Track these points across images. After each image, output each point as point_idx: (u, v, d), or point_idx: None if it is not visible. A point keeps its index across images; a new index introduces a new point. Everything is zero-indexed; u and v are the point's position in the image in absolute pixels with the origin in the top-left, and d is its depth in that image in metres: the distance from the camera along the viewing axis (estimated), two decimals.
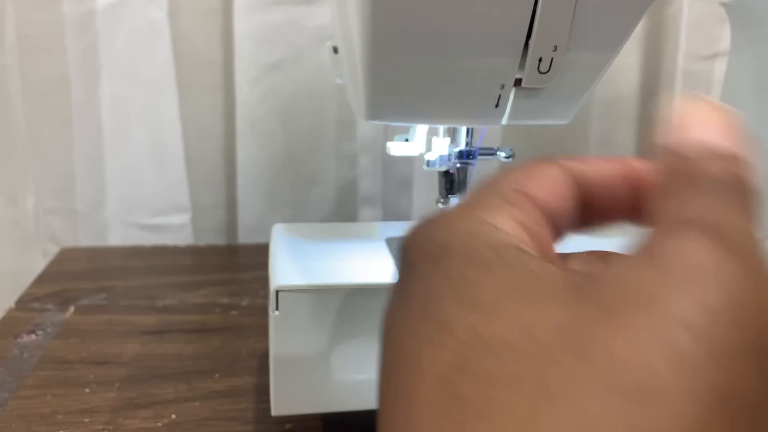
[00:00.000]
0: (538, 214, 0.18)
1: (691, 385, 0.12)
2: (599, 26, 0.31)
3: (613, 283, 0.14)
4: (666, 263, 0.14)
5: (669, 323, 0.12)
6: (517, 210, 0.18)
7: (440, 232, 0.18)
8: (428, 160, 0.40)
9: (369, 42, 0.30)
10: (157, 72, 0.69)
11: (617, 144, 0.80)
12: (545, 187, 0.19)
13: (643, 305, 0.13)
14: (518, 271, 0.15)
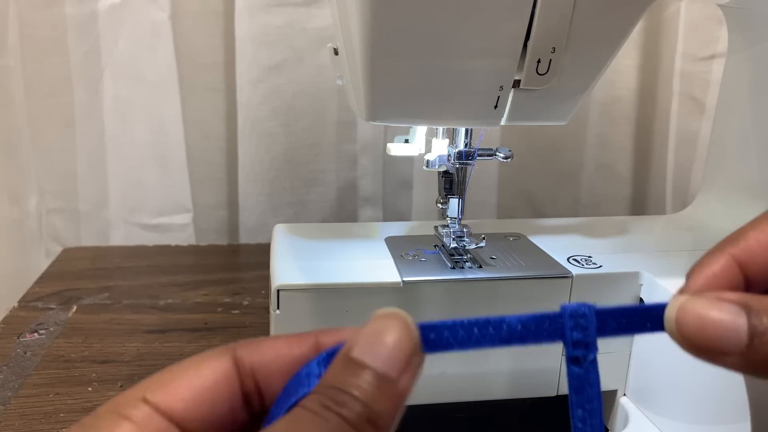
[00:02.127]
0: (161, 424, 0.18)
1: None
2: (597, 28, 0.32)
3: None
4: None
5: None
6: (132, 428, 0.18)
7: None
8: (428, 161, 0.40)
9: (369, 43, 0.30)
10: (159, 73, 0.70)
11: (615, 145, 0.80)
12: (185, 388, 0.19)
13: None
14: None
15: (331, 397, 0.18)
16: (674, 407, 0.38)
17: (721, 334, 0.21)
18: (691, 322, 0.21)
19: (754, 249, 0.23)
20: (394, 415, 0.19)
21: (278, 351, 0.21)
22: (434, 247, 0.42)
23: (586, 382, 0.24)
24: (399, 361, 0.20)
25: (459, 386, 0.40)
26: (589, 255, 0.42)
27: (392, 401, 0.19)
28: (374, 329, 0.20)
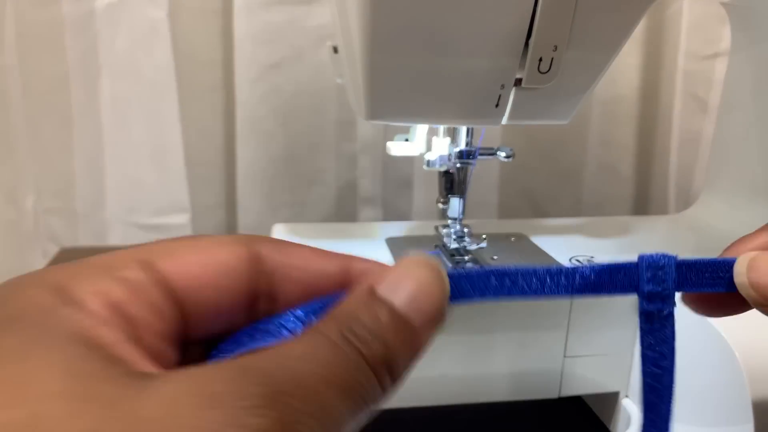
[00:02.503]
0: (157, 295, 0.17)
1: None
2: (599, 26, 0.31)
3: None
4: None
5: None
6: (122, 289, 0.16)
7: (20, 289, 0.16)
8: (428, 160, 0.40)
9: (369, 42, 0.30)
10: (157, 72, 0.69)
11: (617, 144, 0.80)
12: (195, 263, 0.17)
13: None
14: (52, 369, 0.14)
15: (351, 328, 0.16)
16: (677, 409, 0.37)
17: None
18: (764, 274, 0.21)
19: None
20: (408, 366, 0.18)
21: (306, 260, 0.19)
22: (435, 247, 0.42)
23: (661, 338, 0.22)
24: (426, 311, 0.18)
25: (460, 388, 0.40)
26: (591, 255, 0.41)
27: (412, 351, 0.18)
28: (405, 271, 0.18)
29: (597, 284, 0.21)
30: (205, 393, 0.14)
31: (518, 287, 0.21)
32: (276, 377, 0.14)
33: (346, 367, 0.16)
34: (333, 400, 0.15)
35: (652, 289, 0.21)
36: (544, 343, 0.39)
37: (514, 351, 0.39)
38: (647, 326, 0.22)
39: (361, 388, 0.16)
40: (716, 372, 0.34)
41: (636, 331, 0.40)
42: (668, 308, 0.22)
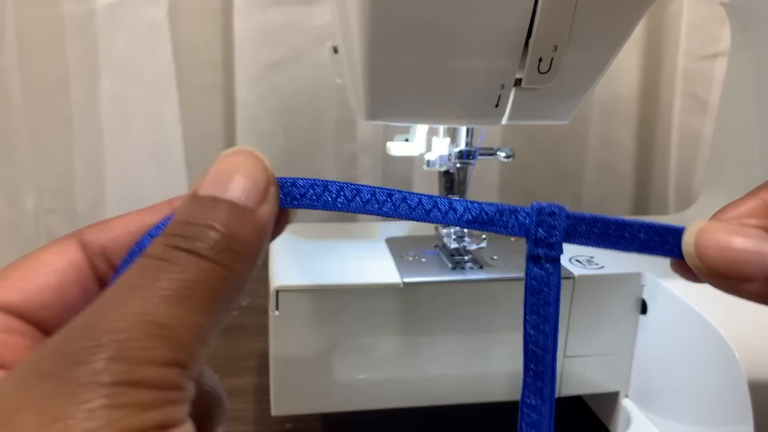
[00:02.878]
0: (1, 318, 0.18)
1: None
2: (599, 26, 0.31)
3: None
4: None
5: None
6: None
7: None
8: (428, 160, 0.40)
9: (369, 42, 0.30)
10: (157, 72, 0.69)
11: (617, 144, 0.80)
12: (23, 278, 0.18)
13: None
14: None
15: (178, 233, 0.17)
16: (677, 409, 0.37)
17: (745, 258, 0.20)
18: (711, 246, 0.20)
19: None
20: (255, 243, 0.18)
21: (128, 226, 0.20)
22: (435, 247, 0.42)
23: (545, 283, 0.23)
24: (253, 190, 0.19)
25: (460, 388, 0.40)
26: (591, 255, 0.41)
27: (252, 229, 0.18)
28: (220, 167, 0.19)
29: (487, 221, 0.23)
30: (39, 372, 0.15)
31: (368, 204, 0.22)
32: (98, 325, 0.15)
33: (177, 279, 0.16)
34: (172, 315, 0.15)
35: (541, 234, 0.22)
36: None
37: (514, 351, 0.39)
38: (534, 271, 0.23)
39: (205, 285, 0.16)
40: (716, 372, 0.34)
41: (636, 331, 0.40)
42: (555, 254, 0.22)
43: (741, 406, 0.32)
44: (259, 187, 0.19)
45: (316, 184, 0.21)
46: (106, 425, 0.14)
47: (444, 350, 0.38)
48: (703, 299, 0.36)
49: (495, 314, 0.38)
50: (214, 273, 0.17)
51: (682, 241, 0.21)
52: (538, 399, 0.22)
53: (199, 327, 0.16)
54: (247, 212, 0.18)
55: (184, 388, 0.16)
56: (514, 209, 0.22)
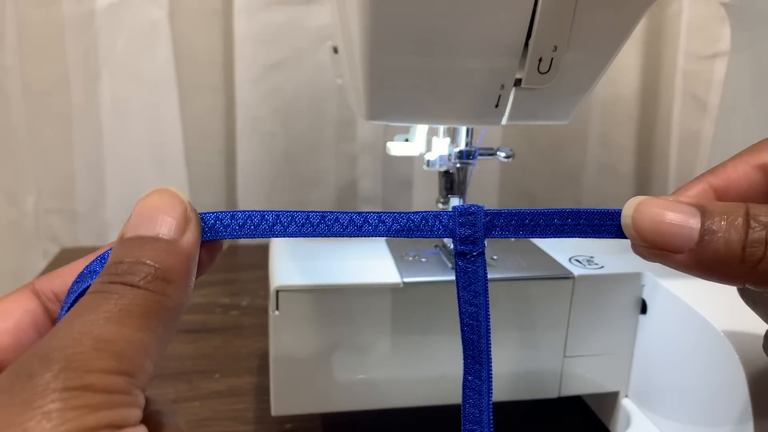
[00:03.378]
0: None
1: None
2: (599, 26, 0.31)
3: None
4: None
5: None
6: None
7: None
8: (428, 160, 0.40)
9: (369, 42, 0.30)
10: (157, 72, 0.69)
11: (617, 144, 0.80)
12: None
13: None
14: None
15: (112, 272, 0.19)
16: (676, 409, 0.38)
17: (675, 231, 0.21)
18: (646, 219, 0.22)
19: (732, 177, 0.24)
20: (183, 270, 0.20)
21: (77, 271, 0.22)
22: (435, 247, 0.42)
23: (474, 276, 0.25)
24: (173, 223, 0.20)
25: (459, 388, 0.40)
26: (591, 256, 0.41)
27: (179, 257, 0.20)
28: (139, 209, 0.21)
29: (414, 228, 0.24)
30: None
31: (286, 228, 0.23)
32: (49, 346, 0.17)
33: (116, 303, 0.18)
34: (114, 332, 0.17)
35: (463, 232, 0.24)
36: (543, 343, 0.39)
37: (514, 351, 0.39)
38: (461, 265, 0.25)
39: (142, 307, 0.18)
40: (716, 372, 0.34)
41: (636, 331, 0.40)
42: (478, 249, 0.24)
43: (741, 406, 0.32)
44: (178, 219, 0.20)
45: (245, 215, 0.23)
46: (61, 424, 0.15)
47: (444, 350, 0.38)
48: (703, 299, 0.36)
49: (494, 314, 0.38)
50: (148, 298, 0.19)
51: (621, 214, 0.23)
52: (477, 380, 0.26)
53: (140, 341, 0.18)
54: (171, 243, 0.20)
55: (132, 394, 0.17)
56: (437, 214, 0.24)
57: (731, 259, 0.21)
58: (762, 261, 0.20)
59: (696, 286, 0.37)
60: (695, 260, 0.21)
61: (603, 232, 0.24)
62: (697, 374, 0.35)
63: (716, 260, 0.21)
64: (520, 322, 0.39)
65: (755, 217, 0.21)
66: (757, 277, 0.21)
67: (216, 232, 0.23)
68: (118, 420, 0.16)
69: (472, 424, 0.25)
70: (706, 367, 0.35)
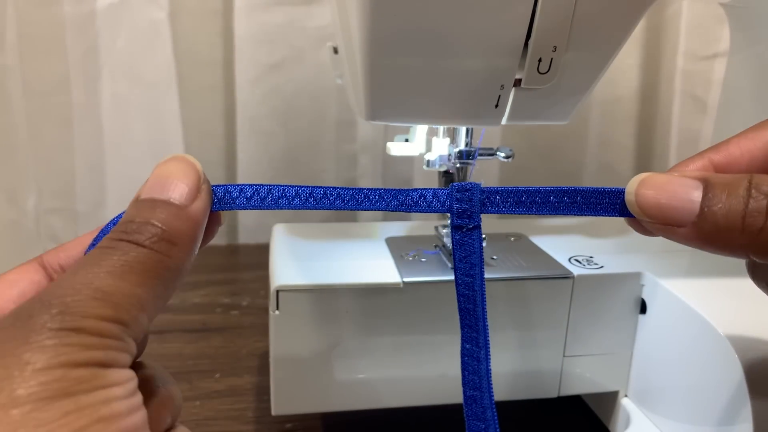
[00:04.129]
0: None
1: None
2: (599, 27, 0.31)
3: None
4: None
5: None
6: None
7: None
8: (428, 160, 0.40)
9: (369, 42, 0.30)
10: (157, 72, 0.69)
11: (617, 144, 0.80)
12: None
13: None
14: None
15: (122, 230, 0.20)
16: (676, 408, 0.38)
17: (677, 205, 0.22)
18: (650, 194, 0.23)
19: (734, 154, 0.25)
20: (189, 234, 0.21)
21: (84, 244, 0.23)
22: (435, 247, 0.42)
23: (471, 248, 0.26)
24: (186, 190, 0.22)
25: (459, 388, 0.40)
26: (591, 255, 0.41)
27: (187, 222, 0.21)
28: (157, 173, 0.22)
29: (413, 204, 0.25)
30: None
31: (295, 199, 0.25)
32: (50, 293, 0.18)
33: (119, 259, 0.19)
34: (113, 285, 0.18)
35: (459, 207, 0.25)
36: (543, 342, 0.39)
37: (514, 351, 0.39)
38: (458, 238, 0.26)
39: (143, 265, 0.19)
40: (716, 372, 0.34)
41: (635, 331, 0.40)
42: (474, 222, 0.26)
43: (740, 406, 0.32)
44: (191, 186, 0.22)
45: (253, 188, 0.25)
46: (53, 357, 0.16)
47: (444, 350, 0.38)
48: (703, 299, 0.36)
49: (495, 314, 0.38)
50: (151, 257, 0.20)
51: (625, 191, 0.24)
52: (475, 347, 0.27)
53: (138, 296, 0.19)
54: (181, 209, 0.21)
55: (123, 341, 0.18)
56: (436, 191, 0.25)
57: (731, 229, 0.21)
58: (762, 231, 0.20)
59: (696, 286, 0.38)
60: (697, 233, 0.21)
61: (600, 210, 0.25)
62: (697, 374, 0.35)
63: (716, 231, 0.21)
64: (519, 321, 0.39)
65: (758, 186, 0.21)
66: (759, 248, 0.21)
67: (224, 203, 0.24)
68: (106, 360, 0.17)
69: (472, 390, 0.27)
70: (706, 366, 0.35)
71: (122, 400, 0.17)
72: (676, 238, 0.22)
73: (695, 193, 0.21)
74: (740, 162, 0.24)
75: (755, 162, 0.24)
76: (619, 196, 0.25)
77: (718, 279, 0.39)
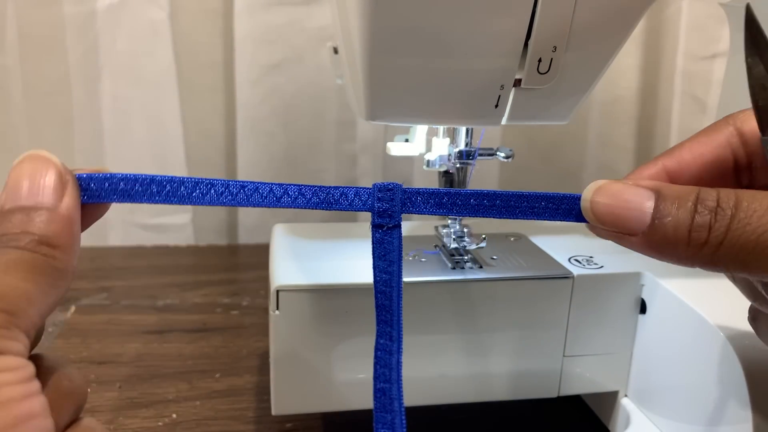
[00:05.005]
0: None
1: None
2: (598, 27, 0.31)
3: None
4: None
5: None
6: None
7: None
8: (428, 160, 0.40)
9: (369, 42, 0.30)
10: (157, 73, 0.69)
11: (616, 144, 0.80)
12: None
13: None
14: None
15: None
16: (676, 408, 0.38)
17: (628, 214, 0.22)
18: (604, 202, 0.23)
19: (686, 159, 0.25)
20: (65, 234, 0.21)
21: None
22: (434, 247, 0.42)
23: (390, 246, 0.26)
24: (49, 189, 0.21)
25: (459, 388, 0.40)
26: (591, 255, 0.41)
27: (60, 224, 0.20)
28: (14, 177, 0.21)
29: (333, 202, 0.25)
30: None
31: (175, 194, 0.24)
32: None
33: (1, 258, 0.19)
34: (1, 281, 0.19)
35: (381, 206, 0.26)
36: (543, 342, 0.39)
37: (514, 351, 0.39)
38: (378, 236, 0.26)
39: (28, 263, 0.19)
40: (715, 371, 0.34)
41: (635, 331, 0.40)
42: (394, 222, 0.26)
43: (740, 405, 0.32)
44: (54, 185, 0.21)
45: (122, 177, 0.23)
46: None
47: (444, 350, 0.38)
48: (702, 299, 0.36)
49: (495, 314, 0.39)
50: (35, 257, 0.20)
51: (581, 198, 0.24)
52: (388, 341, 0.26)
53: (25, 290, 0.19)
54: (51, 211, 0.20)
55: (11, 330, 0.18)
56: (357, 190, 0.26)
57: (678, 242, 0.21)
58: (706, 245, 0.21)
59: (696, 286, 0.38)
60: (647, 242, 0.22)
61: (556, 215, 0.26)
62: (697, 374, 0.35)
63: (665, 243, 0.22)
64: (519, 321, 0.39)
65: (703, 201, 0.22)
66: (703, 260, 0.22)
67: (93, 194, 0.23)
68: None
69: (383, 383, 0.27)
70: (706, 366, 0.35)
71: (15, 386, 0.18)
72: (628, 245, 0.23)
73: (647, 203, 0.22)
74: (691, 167, 0.25)
75: (706, 167, 0.25)
76: (576, 202, 0.25)
77: (718, 279, 0.39)
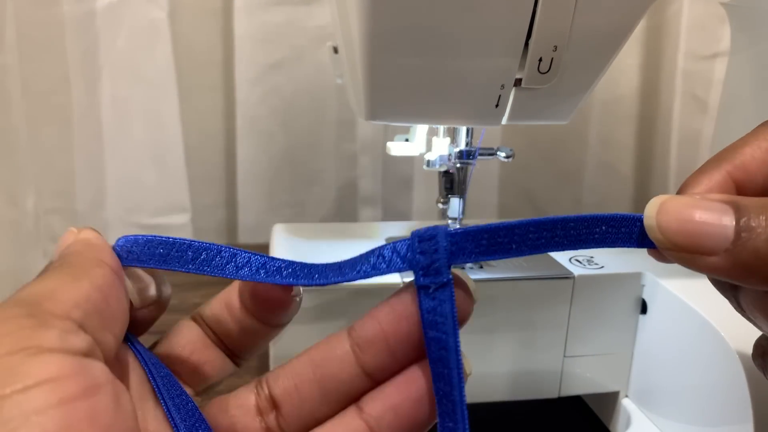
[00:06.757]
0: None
1: None
2: (599, 26, 0.31)
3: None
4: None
5: None
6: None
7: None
8: (428, 160, 0.40)
9: (369, 42, 0.30)
10: (157, 72, 0.69)
11: (617, 144, 0.80)
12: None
13: None
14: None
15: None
16: (676, 409, 0.38)
17: (706, 230, 0.19)
18: (673, 219, 0.20)
19: (750, 167, 0.22)
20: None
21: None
22: None
23: (439, 314, 0.21)
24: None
25: None
26: (591, 255, 0.41)
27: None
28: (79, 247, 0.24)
29: (371, 270, 0.21)
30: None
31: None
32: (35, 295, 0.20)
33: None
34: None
35: (424, 262, 0.20)
36: (544, 343, 0.39)
37: (514, 351, 0.39)
38: (425, 303, 0.21)
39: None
40: (716, 372, 0.34)
41: (636, 331, 0.40)
42: (442, 279, 0.20)
43: (741, 406, 0.32)
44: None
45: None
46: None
47: None
48: (703, 299, 0.36)
49: (495, 314, 0.38)
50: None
51: (643, 217, 0.21)
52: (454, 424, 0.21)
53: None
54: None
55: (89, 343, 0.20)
56: (392, 247, 0.21)
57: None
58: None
59: (696, 286, 0.37)
60: (732, 262, 0.19)
61: (611, 242, 0.21)
62: (697, 374, 0.35)
63: (757, 260, 0.19)
64: (520, 322, 0.39)
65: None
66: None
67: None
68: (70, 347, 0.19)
69: None
70: (706, 367, 0.35)
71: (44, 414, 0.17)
72: (704, 268, 0.20)
73: (726, 217, 0.19)
74: (756, 175, 0.22)
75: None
76: (635, 223, 0.21)
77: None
